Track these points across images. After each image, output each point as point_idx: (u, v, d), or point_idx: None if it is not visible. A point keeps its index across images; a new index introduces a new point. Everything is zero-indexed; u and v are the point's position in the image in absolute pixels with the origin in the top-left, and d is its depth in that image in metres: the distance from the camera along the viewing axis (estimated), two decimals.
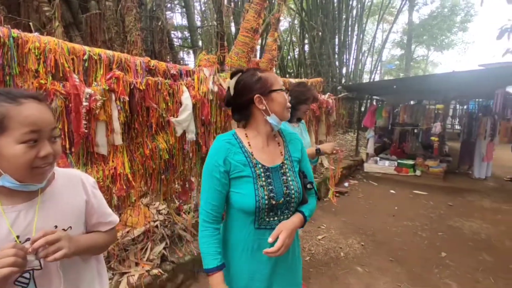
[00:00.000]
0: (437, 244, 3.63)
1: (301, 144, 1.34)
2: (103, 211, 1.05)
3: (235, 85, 1.22)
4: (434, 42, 24.19)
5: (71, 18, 3.58)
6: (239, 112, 1.24)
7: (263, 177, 1.17)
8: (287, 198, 1.19)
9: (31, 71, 1.68)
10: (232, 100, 1.23)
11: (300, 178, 1.26)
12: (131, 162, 2.14)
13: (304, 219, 1.23)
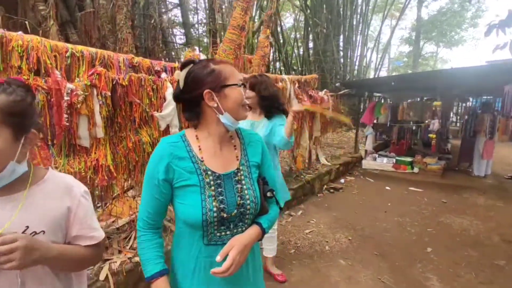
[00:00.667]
0: (425, 240, 3.66)
1: (262, 145, 1.18)
2: (87, 223, 0.98)
3: (184, 78, 1.05)
4: (443, 38, 23.81)
5: (68, 16, 3.71)
6: (189, 109, 1.09)
7: (213, 185, 1.03)
8: (241, 209, 1.05)
9: (14, 67, 1.79)
10: (180, 95, 1.08)
11: (259, 185, 1.11)
12: (113, 155, 2.25)
13: (261, 231, 1.09)
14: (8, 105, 0.80)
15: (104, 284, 2.07)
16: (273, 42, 11.72)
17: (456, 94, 7.75)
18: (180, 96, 1.08)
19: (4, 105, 0.80)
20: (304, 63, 12.98)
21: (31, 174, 0.91)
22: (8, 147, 0.81)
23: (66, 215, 0.94)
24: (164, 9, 5.23)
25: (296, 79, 4.44)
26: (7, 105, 0.80)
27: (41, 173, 0.95)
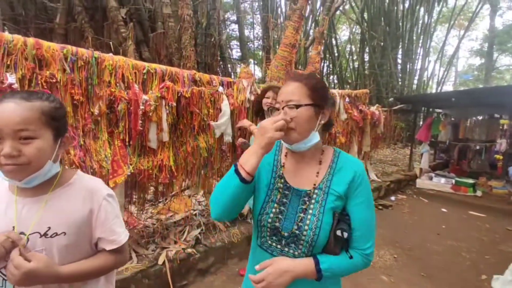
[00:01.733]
0: (480, 267, 3.41)
1: (354, 177, 0.99)
2: (109, 227, 1.00)
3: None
4: None
5: (142, 36, 4.31)
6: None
7: (281, 193, 1.01)
8: (295, 233, 0.97)
9: (105, 82, 2.23)
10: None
11: (334, 219, 0.96)
12: (175, 157, 2.59)
13: (316, 270, 0.93)
14: (51, 110, 0.90)
15: (161, 268, 2.39)
16: (327, 55, 11.80)
17: None
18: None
19: (49, 110, 0.90)
20: (359, 77, 12.75)
21: (58, 175, 0.96)
22: (49, 147, 0.89)
23: (88, 218, 0.97)
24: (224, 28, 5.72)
25: (346, 94, 4.50)
26: (50, 110, 0.90)
27: (69, 175, 1.00)
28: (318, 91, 0.99)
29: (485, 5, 19.40)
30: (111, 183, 2.16)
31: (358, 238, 0.97)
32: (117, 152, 2.24)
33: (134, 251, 2.46)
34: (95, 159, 2.13)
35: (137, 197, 2.50)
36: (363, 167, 1.03)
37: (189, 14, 3.64)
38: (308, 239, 0.95)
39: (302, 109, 0.96)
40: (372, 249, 0.99)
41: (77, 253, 0.97)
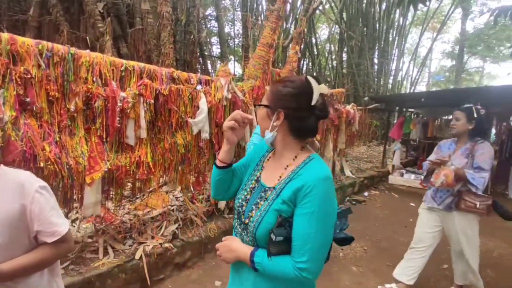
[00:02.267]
0: (442, 257, 3.67)
1: (304, 187, 0.96)
2: (47, 219, 0.96)
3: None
4: (490, 53, 22.54)
5: (120, 31, 4.27)
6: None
7: (254, 183, 1.12)
8: (246, 223, 1.06)
9: (82, 78, 2.24)
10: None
11: (277, 220, 0.98)
12: (153, 153, 2.63)
13: (250, 262, 1.01)
14: None
15: (138, 263, 2.44)
16: (307, 54, 12.01)
17: (495, 112, 7.47)
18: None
19: None
20: (337, 76, 13.07)
21: None
22: None
23: (21, 213, 0.93)
24: (203, 25, 5.73)
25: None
26: None
27: None
28: (275, 95, 1.05)
29: (457, 9, 20.34)
30: (88, 179, 2.19)
31: (294, 248, 0.96)
32: (94, 148, 2.26)
33: (111, 246, 2.50)
34: (71, 156, 2.14)
35: (114, 193, 2.52)
36: (320, 179, 0.96)
37: (168, 11, 3.64)
38: (251, 231, 1.03)
39: (258, 109, 1.11)
40: (307, 265, 0.93)
41: (15, 249, 0.94)
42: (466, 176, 2.28)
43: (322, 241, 0.96)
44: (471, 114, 2.41)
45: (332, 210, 0.99)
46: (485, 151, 2.34)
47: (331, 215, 0.98)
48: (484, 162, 2.30)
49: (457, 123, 2.47)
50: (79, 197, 2.29)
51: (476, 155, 2.34)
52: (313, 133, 1.08)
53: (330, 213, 0.97)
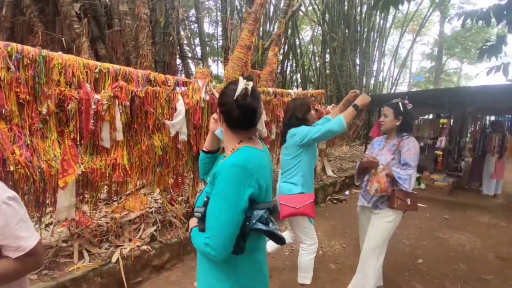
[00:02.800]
0: (417, 252, 3.80)
1: (216, 170, 1.14)
2: (12, 233, 0.91)
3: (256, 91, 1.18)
4: (467, 54, 23.36)
5: (98, 32, 4.21)
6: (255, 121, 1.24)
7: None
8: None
9: (54, 81, 2.21)
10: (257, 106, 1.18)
11: (205, 201, 1.16)
12: (129, 155, 2.62)
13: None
14: None
15: (115, 266, 2.43)
16: (290, 55, 12.13)
17: (470, 112, 7.77)
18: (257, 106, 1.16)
19: None
20: (320, 77, 13.25)
21: None
22: None
23: None
24: (184, 27, 5.73)
25: (302, 93, 4.73)
26: None
27: None
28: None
29: (436, 12, 20.99)
30: (61, 182, 2.16)
31: (206, 225, 1.12)
32: (67, 151, 2.24)
33: (86, 250, 2.47)
34: (43, 159, 2.12)
35: (89, 196, 2.50)
36: (229, 164, 1.10)
37: (145, 12, 3.62)
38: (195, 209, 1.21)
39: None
40: (209, 241, 1.07)
41: None
42: (393, 175, 2.24)
43: (224, 222, 1.06)
44: (398, 110, 2.38)
45: (236, 195, 1.07)
46: (411, 146, 2.30)
47: (235, 199, 1.07)
48: (411, 159, 2.26)
49: (385, 120, 2.44)
50: (52, 201, 2.26)
51: (403, 152, 2.30)
52: (243, 125, 1.18)
53: (233, 196, 1.07)
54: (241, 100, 1.11)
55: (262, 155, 1.22)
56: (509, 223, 4.96)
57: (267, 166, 1.22)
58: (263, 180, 1.15)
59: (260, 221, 1.09)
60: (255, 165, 1.13)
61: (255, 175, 1.10)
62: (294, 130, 2.46)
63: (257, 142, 1.25)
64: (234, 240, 1.09)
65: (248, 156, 1.14)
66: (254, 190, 1.10)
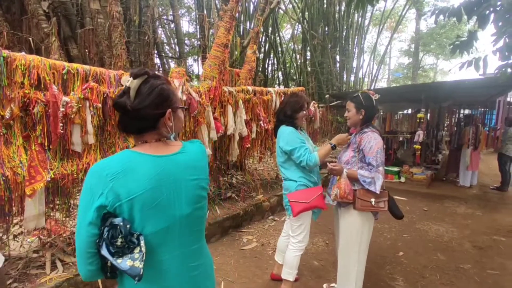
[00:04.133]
0: (398, 244, 3.88)
1: None
2: None
3: (144, 90, 1.00)
4: (442, 51, 24.15)
5: (70, 32, 4.05)
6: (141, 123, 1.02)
7: None
8: None
9: (17, 83, 2.09)
10: (138, 106, 0.99)
11: None
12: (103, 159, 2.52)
13: None
14: None
15: None
16: (271, 53, 12.13)
17: (446, 106, 8.01)
18: (138, 107, 0.98)
19: None
20: (302, 74, 13.32)
21: None
22: None
23: None
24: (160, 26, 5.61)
25: (282, 92, 4.72)
26: None
27: None
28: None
29: (412, 10, 21.55)
30: (28, 190, 2.05)
31: None
32: (34, 157, 2.12)
33: (60, 260, 2.36)
34: (8, 166, 2.00)
35: (61, 203, 2.38)
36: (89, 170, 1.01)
37: (118, 11, 3.48)
38: None
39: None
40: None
41: None
42: (359, 179, 2.14)
43: (76, 235, 0.94)
44: (359, 103, 2.24)
45: (85, 205, 0.93)
46: (372, 144, 2.14)
47: (82, 210, 0.93)
48: (373, 158, 2.12)
49: (348, 114, 2.30)
50: (19, 210, 2.14)
51: (365, 150, 2.16)
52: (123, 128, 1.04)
53: (82, 206, 0.94)
54: (116, 99, 1.00)
55: (146, 161, 0.99)
56: (484, 212, 5.14)
57: (149, 174, 0.97)
58: (130, 191, 0.93)
59: (107, 242, 0.90)
60: (118, 172, 0.93)
61: (111, 183, 0.92)
62: (280, 133, 2.51)
63: (158, 146, 1.04)
64: (90, 258, 0.93)
65: (113, 160, 0.97)
66: (106, 202, 0.91)
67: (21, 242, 2.50)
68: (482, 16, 2.91)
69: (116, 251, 0.90)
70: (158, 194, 0.98)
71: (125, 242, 0.90)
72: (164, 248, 1.01)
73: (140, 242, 0.92)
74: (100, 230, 0.92)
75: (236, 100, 3.74)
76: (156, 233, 0.98)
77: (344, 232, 2.34)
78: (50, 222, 2.38)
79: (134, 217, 0.95)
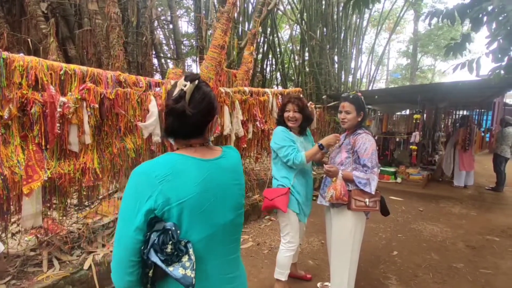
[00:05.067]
0: (393, 244, 3.92)
1: None
2: None
3: (198, 96, 0.98)
4: (440, 52, 24.23)
5: (68, 32, 4.08)
6: (198, 129, 1.02)
7: None
8: None
9: (16, 84, 2.12)
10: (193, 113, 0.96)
11: None
12: (100, 159, 2.56)
13: None
14: None
15: (87, 273, 2.36)
16: (270, 54, 12.17)
17: (443, 107, 8.07)
18: (192, 113, 0.96)
19: None
20: (300, 75, 13.35)
21: None
22: None
23: None
24: (158, 26, 5.66)
25: (278, 93, 4.76)
26: None
27: None
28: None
29: (410, 11, 21.64)
30: (25, 189, 2.08)
31: None
32: (31, 156, 2.16)
33: (57, 258, 2.39)
34: (6, 165, 2.03)
35: (58, 202, 2.41)
36: (133, 172, 0.94)
37: (116, 12, 3.52)
38: None
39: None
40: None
41: None
42: (354, 180, 2.17)
43: (117, 241, 0.90)
44: (360, 105, 2.23)
45: (131, 208, 0.88)
46: (367, 146, 2.17)
47: (128, 214, 0.88)
48: (368, 159, 2.15)
49: (347, 117, 2.25)
50: (17, 208, 2.17)
51: (360, 152, 2.18)
52: (174, 133, 1.00)
53: (127, 210, 0.89)
54: (172, 105, 0.96)
55: (193, 165, 0.96)
56: (479, 212, 5.19)
57: (197, 178, 0.94)
58: (180, 194, 0.90)
59: (156, 249, 0.85)
60: (167, 174, 0.90)
61: (160, 186, 0.88)
62: (274, 132, 2.57)
63: (203, 150, 1.03)
64: (131, 267, 0.88)
65: (160, 162, 0.93)
66: (155, 205, 0.87)
67: (19, 240, 2.53)
68: (475, 19, 2.96)
69: (166, 258, 0.84)
70: (205, 199, 0.94)
71: (174, 249, 0.85)
72: (208, 256, 0.96)
73: (189, 250, 0.88)
74: (145, 237, 0.87)
75: (232, 101, 3.78)
76: (201, 240, 0.94)
77: (337, 232, 2.37)
78: (47, 221, 2.42)
79: (182, 222, 0.90)
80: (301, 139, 2.60)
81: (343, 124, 2.32)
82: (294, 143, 2.44)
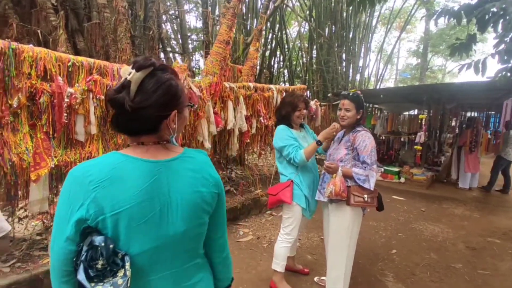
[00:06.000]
0: (392, 242, 3.94)
1: None
2: None
3: (149, 86, 0.82)
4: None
5: (77, 25, 4.15)
6: (142, 124, 0.86)
7: None
8: None
9: (25, 74, 2.20)
10: (140, 107, 0.81)
11: None
12: (105, 149, 2.63)
13: None
14: None
15: None
16: (278, 51, 12.15)
17: (450, 108, 7.99)
18: (139, 107, 0.81)
19: None
20: (307, 72, 13.31)
21: None
22: None
23: None
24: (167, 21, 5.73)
25: (283, 89, 4.79)
26: None
27: None
28: None
29: (421, 9, 21.33)
30: (33, 175, 2.16)
31: None
32: (39, 144, 2.24)
33: None
34: (15, 152, 2.11)
35: None
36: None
37: (123, 5, 3.58)
38: None
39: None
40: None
41: None
42: (353, 177, 2.20)
43: (51, 251, 0.82)
44: (360, 103, 2.28)
45: (63, 216, 0.79)
46: (367, 143, 2.21)
47: (59, 222, 0.79)
48: (368, 156, 2.19)
49: (347, 114, 2.27)
50: (24, 194, 2.25)
51: (360, 149, 2.22)
52: (117, 127, 0.87)
53: (59, 217, 0.80)
54: (111, 95, 0.82)
55: (138, 168, 0.82)
56: (482, 214, 5.16)
57: (139, 185, 0.81)
58: (115, 204, 0.78)
59: (86, 266, 0.75)
60: (103, 179, 0.78)
61: (94, 193, 0.77)
62: (276, 131, 2.63)
63: (156, 150, 0.88)
64: (66, 276, 0.80)
65: (99, 164, 0.81)
66: (87, 215, 0.76)
67: (26, 225, 2.62)
68: (480, 19, 2.95)
69: (97, 274, 0.75)
70: (149, 209, 0.82)
71: (107, 264, 0.75)
72: (153, 268, 0.85)
73: (125, 264, 0.77)
74: (78, 247, 0.77)
75: (237, 96, 3.82)
76: (144, 253, 0.82)
77: (335, 228, 2.40)
78: (53, 207, 2.50)
79: (119, 234, 0.79)
80: (302, 133, 2.69)
81: (342, 122, 2.35)
82: (295, 140, 2.51)
